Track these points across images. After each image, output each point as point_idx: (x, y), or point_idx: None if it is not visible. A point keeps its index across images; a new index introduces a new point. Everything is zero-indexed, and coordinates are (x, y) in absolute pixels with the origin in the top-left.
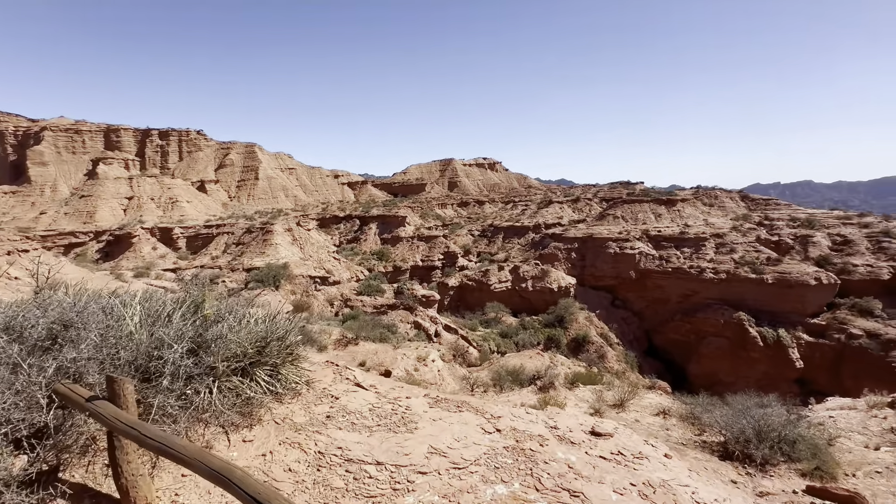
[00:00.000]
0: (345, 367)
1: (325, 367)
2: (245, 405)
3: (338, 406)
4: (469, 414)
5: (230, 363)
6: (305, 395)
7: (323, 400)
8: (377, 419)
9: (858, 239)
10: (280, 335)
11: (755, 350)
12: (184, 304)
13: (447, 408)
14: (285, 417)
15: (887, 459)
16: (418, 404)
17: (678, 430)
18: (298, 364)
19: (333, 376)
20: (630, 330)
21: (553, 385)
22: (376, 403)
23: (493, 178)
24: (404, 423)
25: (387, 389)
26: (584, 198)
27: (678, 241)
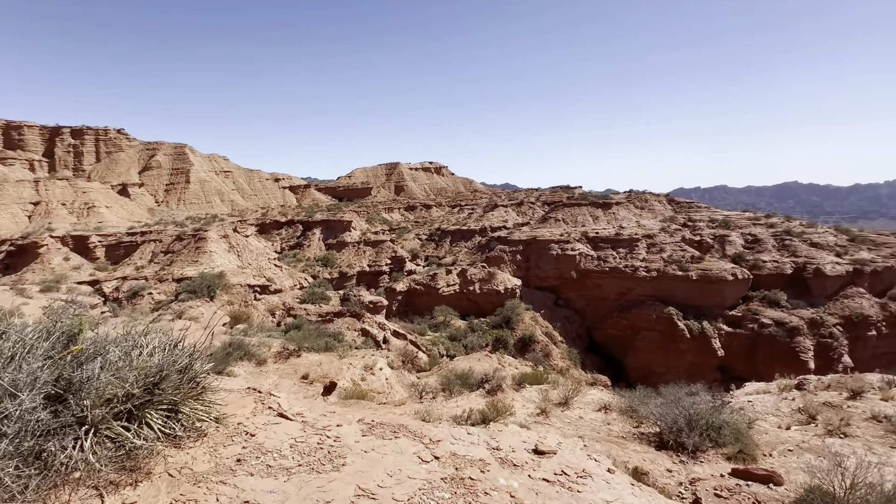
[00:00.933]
0: (268, 394)
1: (244, 396)
2: (129, 457)
3: (252, 445)
4: (406, 440)
5: (110, 407)
6: (214, 435)
7: (235, 439)
8: (299, 457)
9: (766, 238)
10: (182, 366)
11: (683, 342)
12: (49, 336)
13: (382, 434)
14: (183, 466)
15: (797, 438)
16: (350, 433)
17: (619, 424)
18: (206, 398)
19: (254, 406)
20: (573, 328)
21: (501, 387)
22: (300, 437)
23: (439, 182)
24: (331, 460)
25: (316, 417)
26: (527, 202)
27: (614, 241)
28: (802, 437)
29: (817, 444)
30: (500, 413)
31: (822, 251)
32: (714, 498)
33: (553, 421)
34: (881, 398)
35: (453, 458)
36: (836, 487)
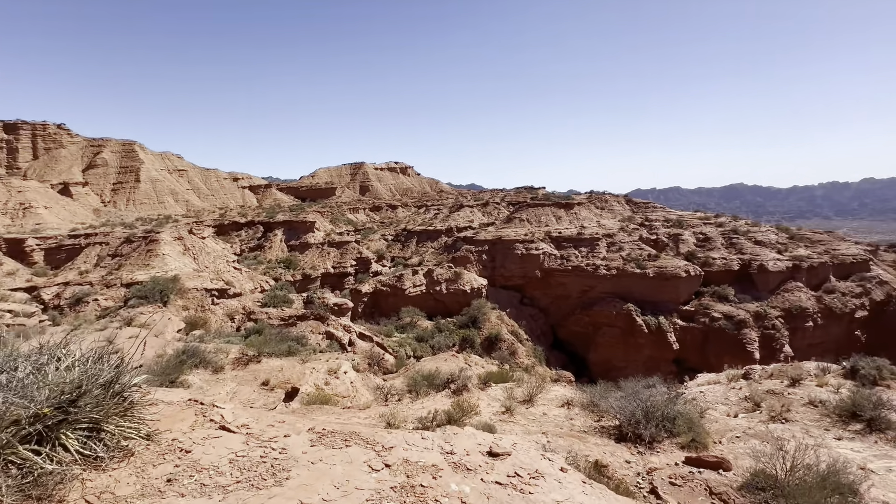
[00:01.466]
0: (211, 406)
1: (184, 409)
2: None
3: (187, 462)
4: (357, 449)
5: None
6: (143, 454)
7: (167, 457)
8: (238, 473)
9: (715, 236)
10: (106, 379)
11: (641, 336)
12: None
13: (332, 443)
14: (104, 490)
15: (743, 424)
16: (298, 444)
17: (581, 419)
18: (135, 414)
19: (194, 419)
20: (537, 325)
21: (467, 387)
22: (242, 451)
23: (405, 182)
24: (273, 474)
25: (262, 428)
26: (492, 202)
27: (576, 241)
28: (748, 423)
29: (762, 430)
30: (466, 413)
31: (765, 248)
32: (669, 486)
33: (518, 419)
34: (817, 384)
35: (405, 464)
36: (777, 470)
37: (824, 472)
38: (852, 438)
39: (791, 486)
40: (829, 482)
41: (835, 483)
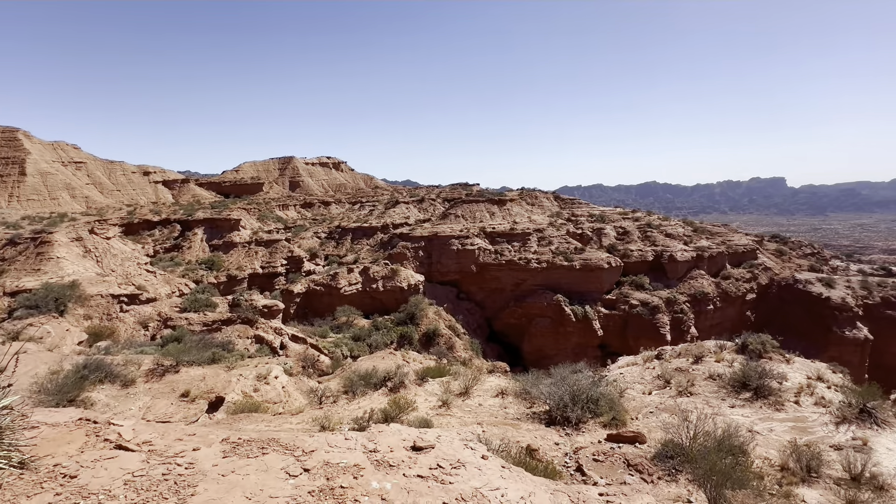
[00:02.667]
0: (106, 424)
1: (72, 430)
2: None
3: (71, 489)
4: (275, 455)
5: None
6: (13, 485)
7: (46, 485)
8: (134, 495)
9: (633, 230)
10: None
11: (570, 325)
12: None
13: (248, 453)
14: None
15: (656, 401)
16: (208, 456)
17: (514, 407)
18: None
19: (85, 440)
20: (474, 319)
21: (404, 384)
22: (140, 470)
23: (338, 178)
24: (176, 492)
25: (169, 443)
26: (428, 198)
27: (509, 236)
28: (660, 399)
29: (671, 404)
30: (403, 410)
31: (675, 241)
32: (593, 463)
33: (454, 411)
34: (715, 360)
35: (326, 467)
36: (683, 439)
37: (720, 437)
38: (743, 405)
39: (694, 452)
40: (724, 445)
41: (728, 445)
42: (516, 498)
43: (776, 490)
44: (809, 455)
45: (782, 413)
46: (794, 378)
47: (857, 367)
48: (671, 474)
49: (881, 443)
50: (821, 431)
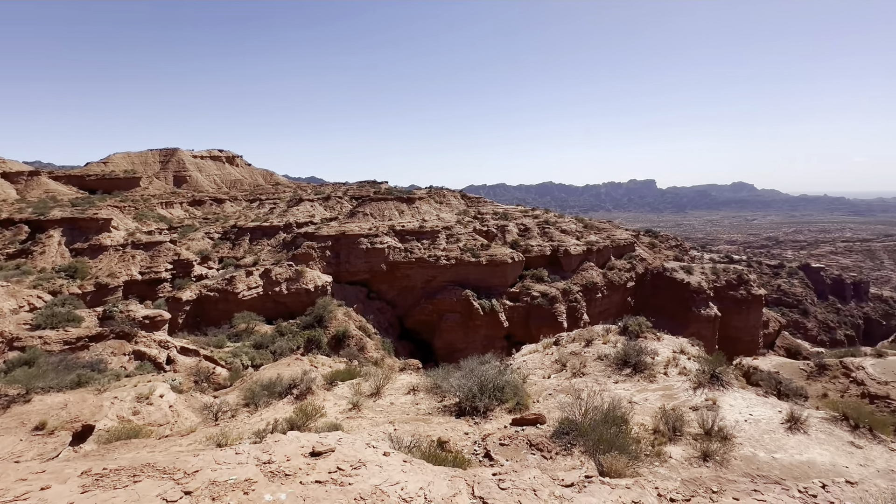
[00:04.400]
0: None
1: None
2: None
3: None
4: (149, 482)
5: None
6: None
7: None
8: None
9: (533, 227)
10: None
11: (478, 319)
12: None
13: (115, 483)
14: None
15: (554, 383)
16: (61, 495)
17: (426, 402)
18: None
19: None
20: (385, 318)
21: (311, 390)
22: None
23: (233, 173)
24: None
25: (7, 486)
26: (335, 196)
27: (419, 234)
28: (558, 381)
29: (566, 385)
30: (310, 417)
31: (569, 236)
32: (499, 447)
33: (366, 412)
34: (602, 342)
35: (212, 486)
36: (577, 415)
37: (606, 411)
38: (625, 380)
39: (585, 426)
40: (609, 417)
41: (613, 417)
42: (416, 489)
43: (650, 450)
44: (674, 417)
45: (655, 384)
46: (663, 353)
47: (710, 340)
48: (567, 448)
49: (725, 401)
50: (683, 396)
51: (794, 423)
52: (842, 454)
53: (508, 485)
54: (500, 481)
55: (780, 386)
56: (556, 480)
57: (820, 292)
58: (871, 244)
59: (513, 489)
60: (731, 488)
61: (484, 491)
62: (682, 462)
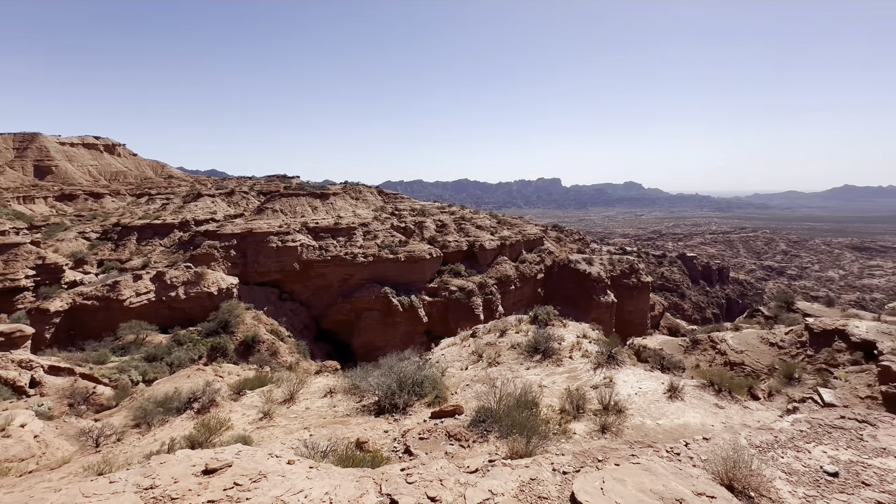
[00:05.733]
0: None
1: None
2: None
3: None
4: None
5: None
6: None
7: None
8: None
9: (450, 223)
10: None
11: (398, 316)
12: None
13: None
14: None
15: (471, 374)
16: None
17: (344, 404)
18: None
19: None
20: (300, 320)
21: (215, 402)
22: None
23: (114, 164)
24: None
25: None
26: (240, 191)
27: (334, 231)
28: (475, 372)
29: (483, 375)
30: (214, 431)
31: (484, 232)
32: (419, 441)
33: (279, 420)
34: (515, 332)
35: None
36: (492, 403)
37: (518, 396)
38: (535, 366)
39: (500, 412)
40: (521, 402)
41: (524, 401)
42: (320, 495)
43: (557, 429)
44: (578, 397)
45: (562, 367)
46: (568, 338)
47: (608, 324)
48: (483, 435)
49: (620, 377)
50: (585, 377)
51: (673, 393)
52: (709, 415)
53: (416, 478)
54: (408, 476)
55: (663, 361)
56: (461, 468)
57: (693, 278)
58: (730, 236)
59: (420, 482)
60: (613, 456)
61: (391, 487)
62: (584, 436)
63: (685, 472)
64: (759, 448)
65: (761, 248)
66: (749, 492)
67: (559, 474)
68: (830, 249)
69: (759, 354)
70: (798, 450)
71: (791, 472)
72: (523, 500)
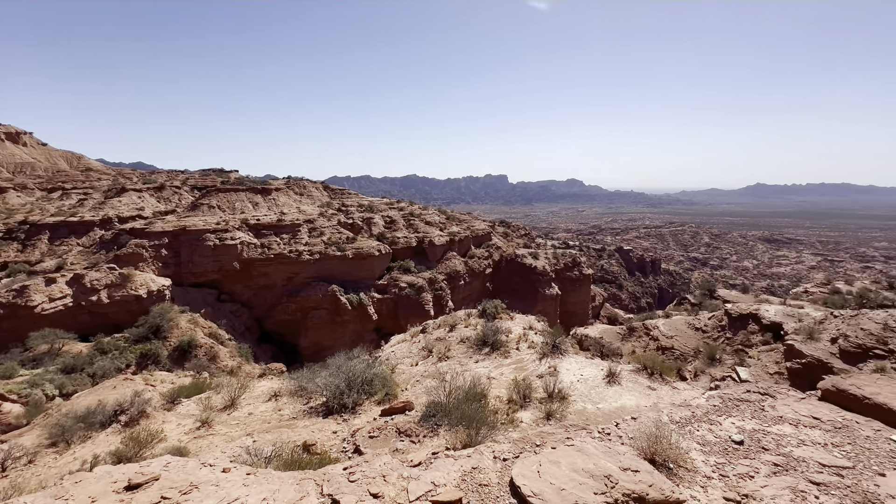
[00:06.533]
0: None
1: None
2: None
3: None
4: None
5: None
6: None
7: None
8: None
9: (399, 219)
10: None
11: (346, 314)
12: None
13: None
14: None
15: (422, 370)
16: None
17: (290, 407)
18: None
19: None
20: (241, 322)
21: (145, 413)
22: None
23: (19, 154)
24: None
25: None
26: (171, 186)
27: (277, 228)
28: (425, 368)
29: (433, 370)
30: (145, 444)
31: (433, 228)
32: (369, 440)
33: (218, 428)
34: (465, 326)
35: None
36: (442, 397)
37: (467, 389)
38: (484, 359)
39: (450, 406)
40: (471, 394)
41: (473, 394)
42: (257, 501)
43: (505, 419)
44: (524, 386)
45: (509, 359)
46: (516, 330)
47: (553, 316)
48: (434, 430)
49: (563, 366)
50: (531, 367)
51: (611, 378)
52: (643, 397)
53: (358, 476)
54: (351, 474)
55: (603, 348)
56: (405, 463)
57: (630, 270)
58: (661, 230)
59: (363, 479)
60: (550, 440)
61: (333, 488)
62: (530, 424)
63: (614, 450)
64: (679, 423)
65: (688, 240)
66: (668, 464)
67: (500, 461)
68: (746, 242)
69: (687, 339)
70: (711, 423)
71: (704, 443)
72: (465, 489)
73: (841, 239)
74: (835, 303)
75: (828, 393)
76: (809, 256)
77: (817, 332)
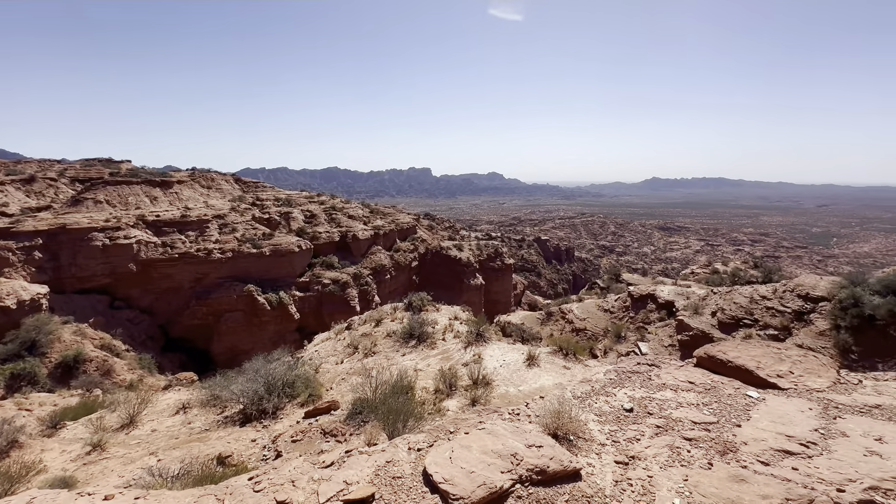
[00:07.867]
0: None
1: None
2: None
3: None
4: None
5: None
6: None
7: None
8: None
9: (320, 213)
10: None
11: (265, 315)
12: None
13: None
14: None
15: (347, 367)
16: None
17: (201, 419)
18: None
19: None
20: (141, 330)
21: (18, 442)
22: None
23: None
24: None
25: None
26: (43, 178)
27: (181, 224)
28: (351, 365)
29: (359, 367)
30: (17, 479)
31: (356, 221)
32: (292, 444)
33: (114, 451)
34: (391, 320)
35: None
36: (369, 393)
37: (394, 382)
38: (411, 351)
39: (377, 401)
40: (397, 387)
41: (400, 387)
42: None
43: (432, 409)
44: (450, 376)
45: (435, 350)
46: (441, 321)
47: (478, 305)
48: (360, 427)
49: (487, 353)
50: (457, 356)
51: (531, 361)
52: (559, 376)
53: (265, 484)
54: (256, 483)
55: (524, 334)
56: (316, 465)
57: (547, 258)
58: (574, 220)
59: (269, 487)
60: (463, 425)
61: (236, 500)
62: (457, 412)
63: (521, 429)
64: (580, 398)
65: (597, 230)
66: (569, 436)
67: (414, 452)
68: (645, 230)
69: (598, 320)
70: (608, 395)
71: (601, 413)
72: (378, 484)
73: (718, 226)
74: (714, 281)
75: (702, 360)
76: (695, 242)
77: (701, 307)
